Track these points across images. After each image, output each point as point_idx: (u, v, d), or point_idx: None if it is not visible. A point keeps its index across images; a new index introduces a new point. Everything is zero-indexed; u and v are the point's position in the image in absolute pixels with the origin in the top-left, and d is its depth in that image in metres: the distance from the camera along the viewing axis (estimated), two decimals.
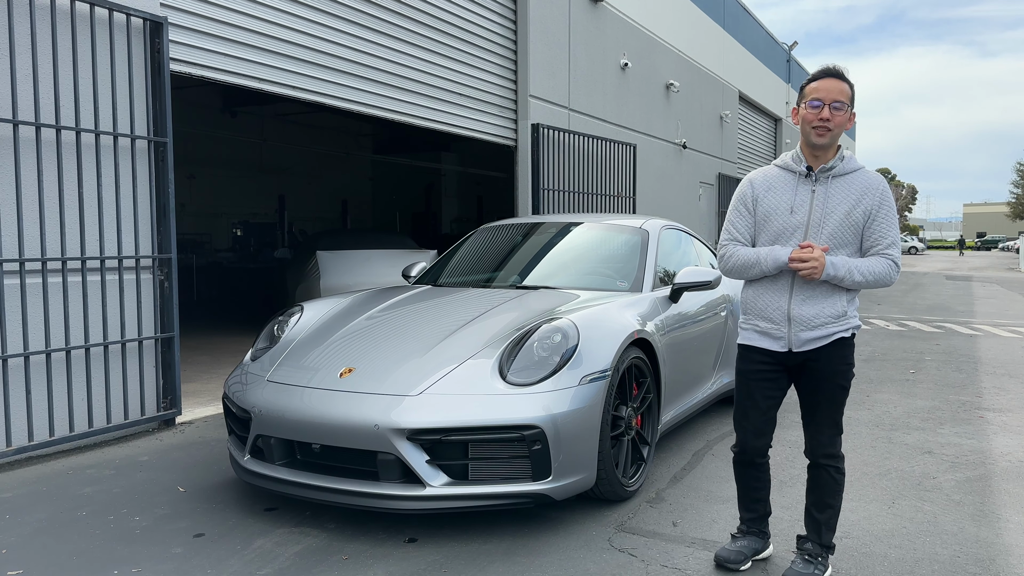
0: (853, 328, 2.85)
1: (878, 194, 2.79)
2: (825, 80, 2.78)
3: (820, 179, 2.83)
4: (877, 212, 2.78)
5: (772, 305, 2.87)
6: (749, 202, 2.93)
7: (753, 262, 2.86)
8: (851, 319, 2.84)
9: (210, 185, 16.54)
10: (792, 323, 2.83)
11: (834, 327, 2.81)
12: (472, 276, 5.04)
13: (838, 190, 2.81)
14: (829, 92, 2.75)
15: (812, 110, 2.77)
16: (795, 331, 2.83)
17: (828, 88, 2.76)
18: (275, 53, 6.23)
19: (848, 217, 2.78)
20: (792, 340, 2.84)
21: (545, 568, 3.02)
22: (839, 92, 2.76)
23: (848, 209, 2.78)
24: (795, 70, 23.98)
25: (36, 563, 3.06)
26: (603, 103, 11.51)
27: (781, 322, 2.85)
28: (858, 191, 2.80)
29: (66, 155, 4.61)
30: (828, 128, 2.75)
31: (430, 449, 3.19)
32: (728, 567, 3.00)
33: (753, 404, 2.97)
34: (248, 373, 3.84)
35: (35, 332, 4.47)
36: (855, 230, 2.79)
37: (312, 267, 8.53)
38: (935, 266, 34.30)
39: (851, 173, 2.83)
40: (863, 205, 2.78)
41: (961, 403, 5.96)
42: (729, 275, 3.00)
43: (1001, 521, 3.53)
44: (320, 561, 3.08)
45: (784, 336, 2.85)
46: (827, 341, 2.82)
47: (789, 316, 2.83)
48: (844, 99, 2.76)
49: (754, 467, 3.04)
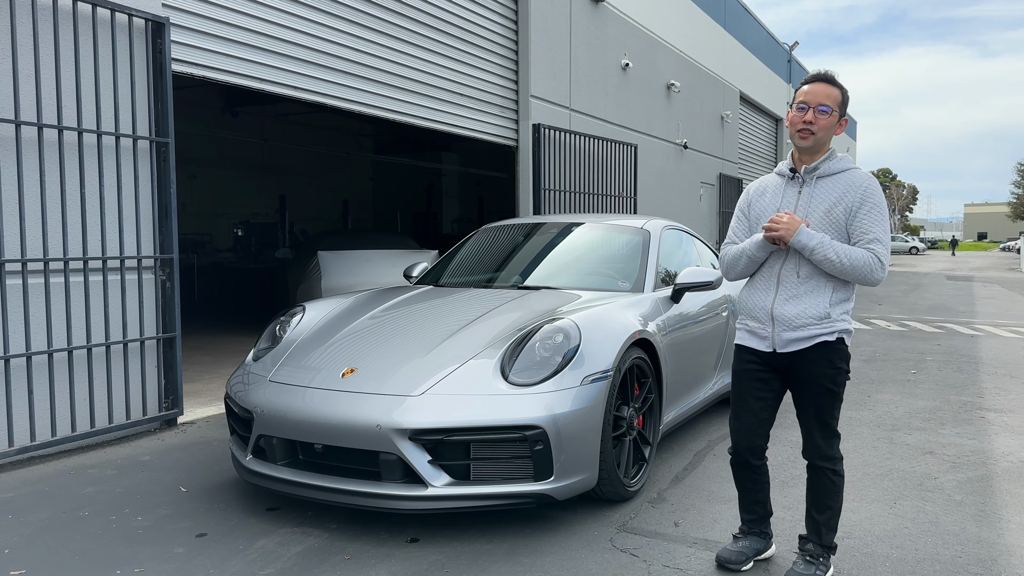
0: (839, 332, 2.80)
1: (860, 191, 2.78)
2: (814, 84, 2.83)
3: (807, 180, 2.87)
4: (859, 209, 2.77)
5: (758, 304, 2.90)
6: (745, 207, 3.03)
7: (739, 252, 2.93)
8: (836, 322, 2.80)
9: (211, 185, 16.55)
10: (775, 322, 2.84)
11: (816, 329, 2.79)
12: (474, 276, 5.04)
13: (822, 189, 2.84)
14: (816, 96, 2.79)
15: (798, 113, 2.82)
16: (778, 331, 2.84)
17: (815, 92, 2.80)
18: (276, 53, 6.24)
19: (828, 215, 2.79)
20: (776, 340, 2.85)
21: (547, 568, 3.02)
22: (826, 96, 2.79)
23: (828, 207, 2.80)
24: (796, 70, 23.98)
25: (38, 563, 3.07)
26: (604, 103, 11.51)
27: (766, 321, 2.87)
28: (841, 189, 2.81)
29: (68, 155, 4.61)
30: (811, 131, 2.79)
31: (432, 449, 3.19)
32: (729, 567, 3.00)
33: (744, 404, 2.99)
34: (250, 373, 3.85)
35: (37, 332, 4.47)
36: (837, 228, 2.78)
37: (313, 267, 8.54)
38: (936, 266, 34.28)
39: (838, 173, 2.84)
40: (844, 202, 2.78)
41: (962, 403, 5.96)
42: (728, 275, 3.05)
43: (1003, 521, 3.53)
44: (322, 561, 3.08)
45: (769, 336, 2.87)
46: (809, 343, 2.80)
47: (772, 315, 2.85)
48: (830, 103, 2.78)
49: (750, 469, 3.04)
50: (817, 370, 2.82)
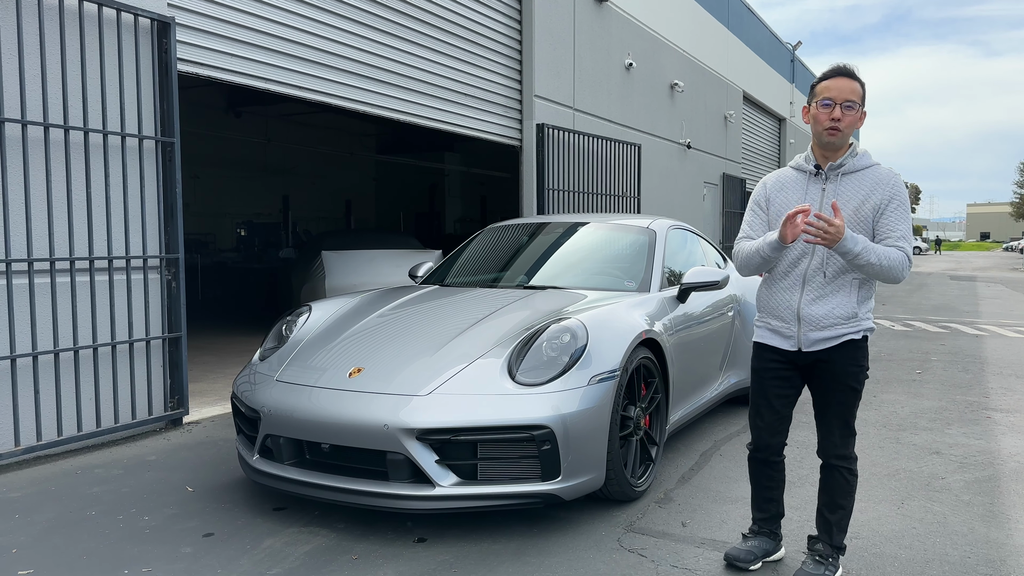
0: (864, 330, 2.82)
1: (889, 188, 2.75)
2: (837, 79, 2.75)
3: (831, 177, 2.82)
4: (887, 206, 2.74)
5: (783, 304, 2.87)
6: (763, 201, 2.97)
7: (754, 250, 2.86)
8: (862, 321, 2.81)
9: (214, 185, 16.56)
10: (802, 322, 2.82)
11: (844, 328, 2.79)
12: (479, 276, 5.04)
13: (848, 187, 2.79)
14: (841, 91, 2.73)
15: (823, 109, 2.75)
16: (804, 331, 2.82)
17: (840, 87, 2.74)
18: (281, 53, 6.24)
19: (857, 213, 2.76)
20: (801, 340, 2.83)
21: (555, 568, 3.02)
22: (851, 91, 2.73)
23: (857, 205, 2.76)
24: (799, 70, 23.95)
25: (46, 563, 3.07)
26: (608, 103, 11.50)
27: (791, 321, 2.85)
28: (868, 186, 2.77)
29: (74, 155, 4.62)
30: (839, 128, 2.73)
31: (439, 449, 3.19)
32: (738, 566, 2.99)
33: (766, 402, 2.97)
34: (257, 373, 3.84)
35: (43, 332, 4.47)
36: (865, 226, 2.76)
37: (317, 267, 8.54)
38: (939, 266, 34.24)
39: (863, 170, 2.80)
40: (873, 200, 2.75)
41: (968, 403, 5.95)
42: (741, 271, 2.99)
43: (1011, 522, 3.52)
44: (330, 561, 3.08)
45: (794, 335, 2.85)
46: (836, 342, 2.80)
47: (799, 315, 2.82)
48: (855, 98, 2.73)
49: (768, 465, 3.04)
50: (842, 368, 2.81)
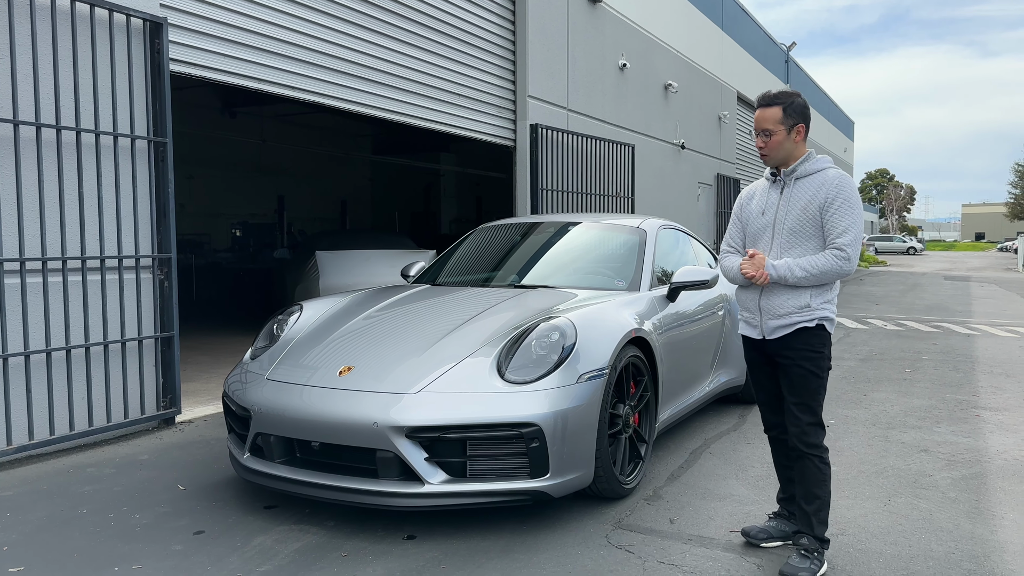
0: (819, 319, 3.00)
1: (833, 187, 2.96)
2: (758, 111, 3.07)
3: (787, 182, 3.07)
4: (831, 204, 2.94)
5: (748, 297, 3.16)
6: (738, 211, 3.27)
7: (734, 273, 3.15)
8: (816, 311, 3.00)
9: (209, 185, 16.53)
10: (762, 313, 3.09)
11: (797, 316, 3.00)
12: (470, 275, 5.06)
13: (799, 189, 3.03)
14: (759, 122, 3.03)
15: (756, 137, 3.07)
16: (765, 319, 3.08)
17: (758, 118, 3.04)
18: (274, 54, 6.25)
19: (804, 212, 2.99)
20: (764, 328, 3.09)
21: (543, 565, 3.04)
22: (765, 120, 3.00)
23: (804, 204, 2.99)
24: (793, 70, 24.02)
25: (37, 560, 3.08)
26: (602, 103, 11.53)
27: (755, 312, 3.12)
28: (815, 188, 3.00)
29: (66, 155, 4.63)
30: (766, 153, 3.03)
31: (429, 447, 3.21)
32: (748, 538, 3.21)
33: (759, 384, 3.27)
34: (248, 372, 3.86)
35: (35, 331, 4.49)
36: (814, 223, 2.98)
37: (311, 267, 8.55)
38: (933, 266, 34.33)
39: (814, 174, 3.03)
40: (818, 200, 2.97)
41: (958, 402, 5.98)
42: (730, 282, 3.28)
43: (996, 518, 3.55)
44: (320, 558, 3.10)
45: (759, 325, 3.12)
46: (791, 330, 3.02)
47: (760, 306, 3.09)
48: (770, 125, 2.99)
49: (781, 442, 3.22)
50: (798, 352, 3.01)
